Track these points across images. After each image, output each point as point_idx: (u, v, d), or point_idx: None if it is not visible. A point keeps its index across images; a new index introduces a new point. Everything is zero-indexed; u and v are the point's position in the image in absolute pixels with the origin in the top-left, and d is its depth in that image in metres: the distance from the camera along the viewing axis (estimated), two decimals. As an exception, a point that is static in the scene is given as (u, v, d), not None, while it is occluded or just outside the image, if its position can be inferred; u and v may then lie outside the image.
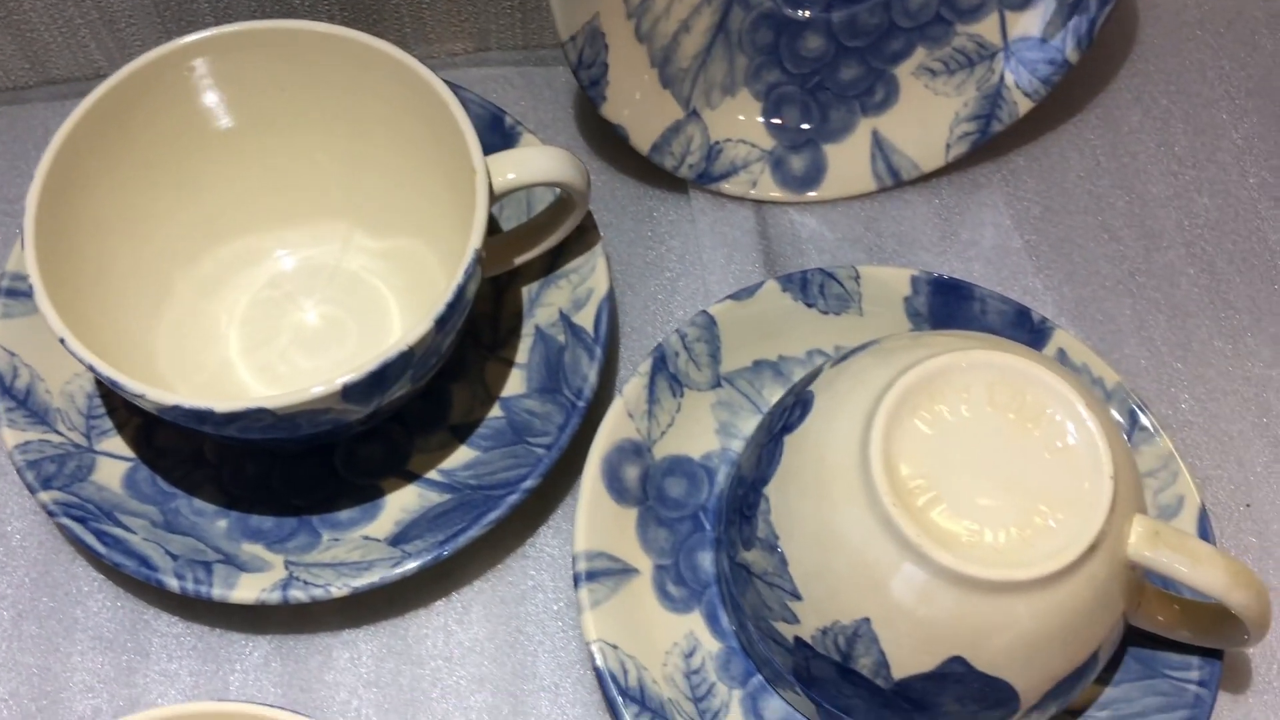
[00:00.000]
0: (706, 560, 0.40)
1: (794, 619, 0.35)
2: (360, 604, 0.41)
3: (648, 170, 0.47)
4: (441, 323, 0.35)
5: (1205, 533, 0.40)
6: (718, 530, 0.40)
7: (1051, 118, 0.50)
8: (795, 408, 0.37)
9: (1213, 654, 0.38)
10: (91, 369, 0.34)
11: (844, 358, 0.38)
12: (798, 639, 0.36)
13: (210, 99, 0.40)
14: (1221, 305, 0.47)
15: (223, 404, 0.33)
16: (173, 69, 0.39)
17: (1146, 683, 0.39)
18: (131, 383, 0.34)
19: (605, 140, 0.48)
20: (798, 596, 0.35)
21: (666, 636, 0.39)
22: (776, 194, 0.48)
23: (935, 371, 0.34)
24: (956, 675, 0.33)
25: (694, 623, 0.40)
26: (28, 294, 0.40)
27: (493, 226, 0.44)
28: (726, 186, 0.47)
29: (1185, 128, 0.50)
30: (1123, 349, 0.46)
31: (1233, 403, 0.45)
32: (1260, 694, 0.41)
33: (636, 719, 0.37)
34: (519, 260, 0.42)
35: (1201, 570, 0.34)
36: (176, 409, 0.33)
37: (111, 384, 0.34)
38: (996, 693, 0.34)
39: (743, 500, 0.38)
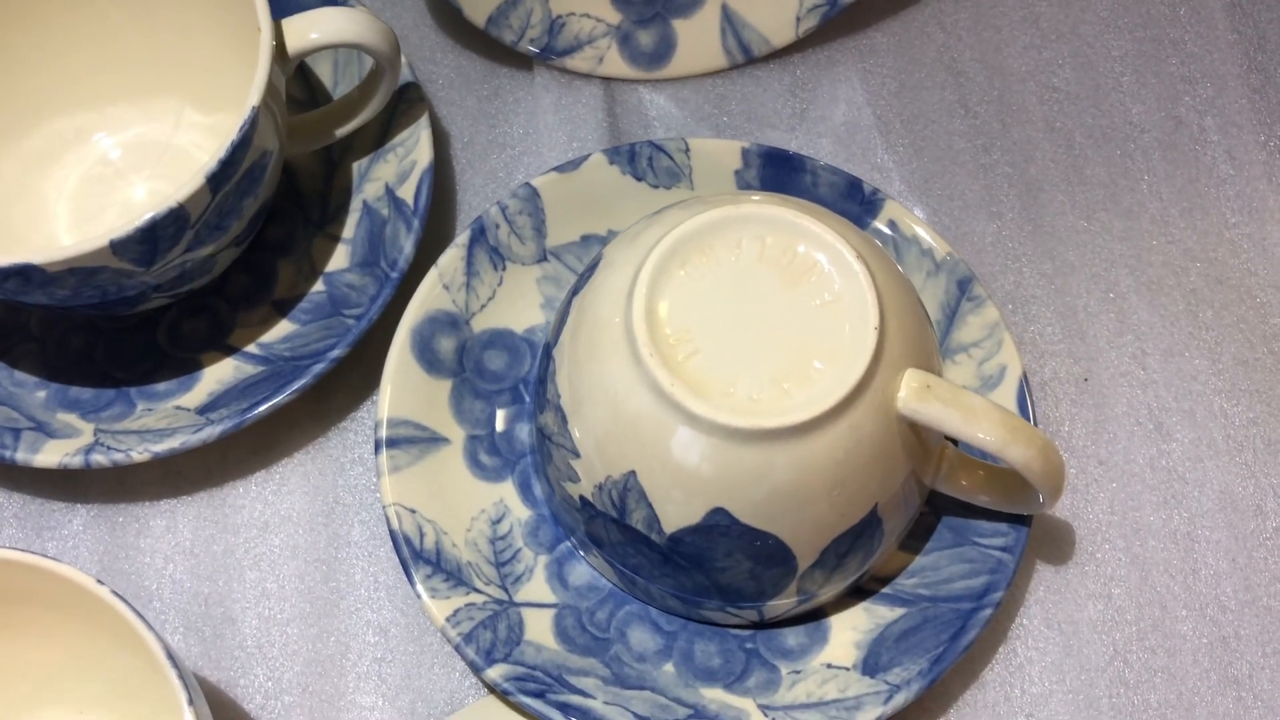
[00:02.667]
0: (524, 431, 0.40)
1: (576, 478, 0.35)
2: (180, 476, 0.41)
3: (495, 48, 0.47)
4: (215, 180, 0.35)
5: (1023, 400, 0.39)
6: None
7: (913, -8, 0.48)
8: (589, 269, 0.37)
9: (1024, 522, 0.38)
10: None
11: (645, 218, 0.37)
12: (582, 498, 0.36)
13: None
14: (1077, 180, 0.46)
15: (-8, 260, 0.33)
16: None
17: (956, 550, 0.38)
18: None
19: (451, 16, 0.47)
20: (576, 454, 0.35)
21: (474, 504, 0.39)
22: (625, 71, 0.47)
23: (706, 225, 0.34)
24: (723, 528, 0.33)
25: (505, 491, 0.40)
26: None
27: (319, 98, 0.44)
28: (571, 63, 0.46)
29: None
30: (970, 224, 0.45)
31: (1081, 278, 0.44)
32: (1081, 565, 0.40)
33: (428, 580, 0.37)
34: (340, 132, 0.42)
35: (976, 425, 0.33)
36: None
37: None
38: (768, 548, 0.34)
39: (541, 364, 0.38)
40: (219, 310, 0.42)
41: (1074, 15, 0.48)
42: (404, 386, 0.39)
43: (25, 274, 0.34)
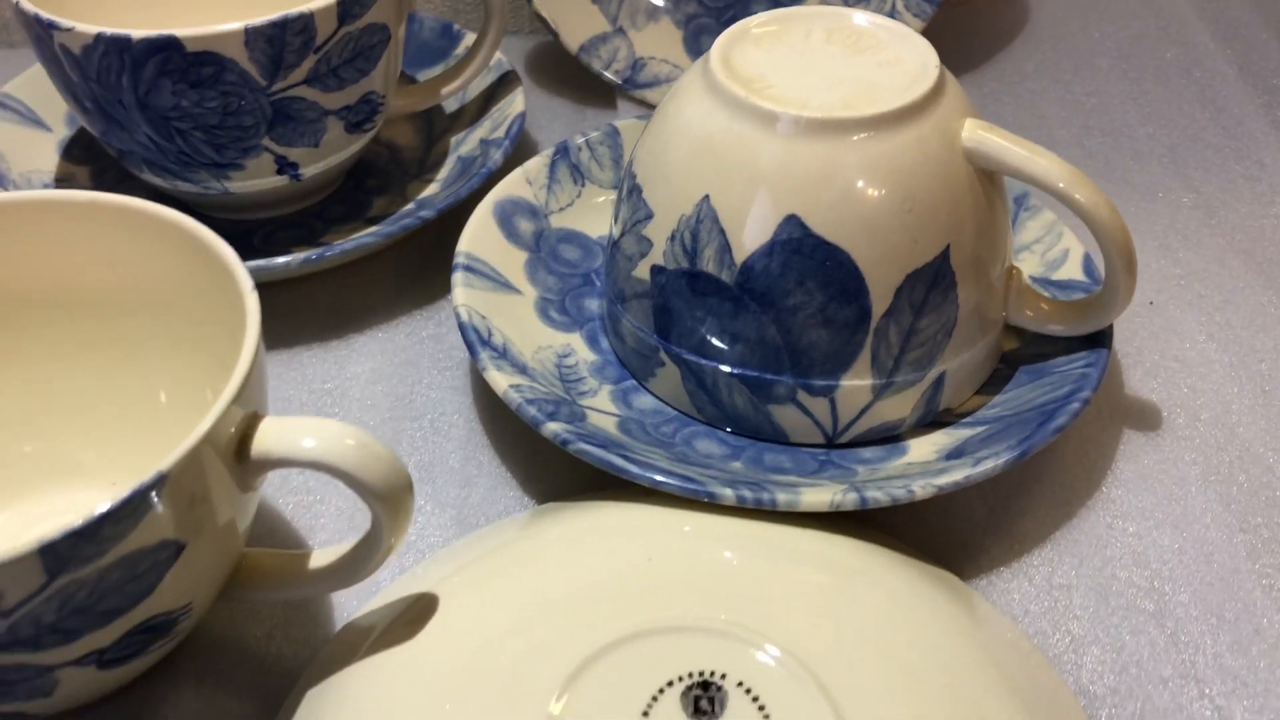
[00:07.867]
0: (593, 304, 0.41)
1: (648, 246, 0.36)
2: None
3: (582, 87, 0.53)
4: (344, 5, 0.40)
5: (1090, 270, 0.40)
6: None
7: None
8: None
9: (1102, 344, 0.37)
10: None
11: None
12: (653, 269, 0.36)
13: None
14: (1120, 182, 0.49)
15: (138, 32, 0.37)
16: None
17: (1034, 383, 0.37)
18: (58, 18, 0.38)
19: (542, 57, 0.54)
20: (650, 216, 0.36)
21: (543, 340, 0.39)
22: (697, 108, 0.52)
23: (773, 18, 0.37)
24: (794, 243, 0.33)
25: (573, 340, 0.39)
26: None
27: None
28: (652, 95, 0.52)
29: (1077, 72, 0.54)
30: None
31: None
32: (1174, 434, 0.38)
33: (494, 360, 0.36)
34: (445, 91, 0.47)
35: (1040, 160, 0.34)
36: (99, 37, 0.38)
37: (40, 20, 0.38)
38: (840, 271, 0.33)
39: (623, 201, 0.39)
40: (314, 227, 0.45)
41: (1099, 79, 0.54)
42: (484, 238, 0.41)
43: (166, 50, 0.38)
